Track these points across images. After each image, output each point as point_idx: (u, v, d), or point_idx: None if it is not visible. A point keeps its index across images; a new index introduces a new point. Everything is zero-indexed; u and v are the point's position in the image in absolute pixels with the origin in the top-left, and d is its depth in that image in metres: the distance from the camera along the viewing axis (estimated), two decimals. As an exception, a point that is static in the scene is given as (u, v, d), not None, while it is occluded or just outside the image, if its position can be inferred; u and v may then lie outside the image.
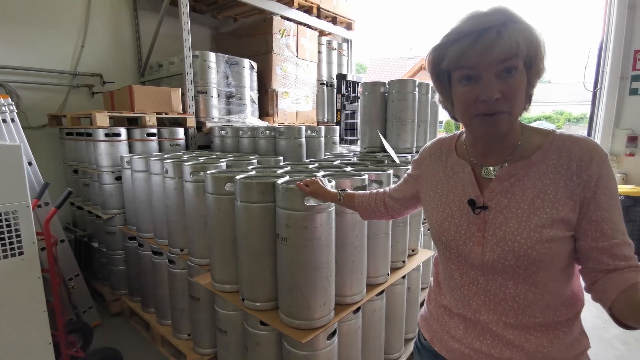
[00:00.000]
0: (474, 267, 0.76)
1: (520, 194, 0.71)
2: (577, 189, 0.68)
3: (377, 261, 1.69)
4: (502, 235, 0.71)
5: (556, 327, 0.74)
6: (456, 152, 0.84)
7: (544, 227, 0.68)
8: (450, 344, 0.83)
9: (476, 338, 0.79)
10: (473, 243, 0.75)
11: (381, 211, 1.10)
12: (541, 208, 0.69)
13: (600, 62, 4.35)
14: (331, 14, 4.50)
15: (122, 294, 2.72)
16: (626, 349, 2.36)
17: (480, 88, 0.66)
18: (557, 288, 0.73)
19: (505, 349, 0.75)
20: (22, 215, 1.50)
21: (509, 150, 0.75)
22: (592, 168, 0.67)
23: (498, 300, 0.75)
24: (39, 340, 1.57)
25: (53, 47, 3.09)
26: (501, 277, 0.73)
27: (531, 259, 0.68)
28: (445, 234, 0.80)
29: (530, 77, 0.68)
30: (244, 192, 1.43)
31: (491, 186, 0.75)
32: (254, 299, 1.49)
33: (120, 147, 2.62)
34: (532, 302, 0.72)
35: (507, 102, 0.66)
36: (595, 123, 4.47)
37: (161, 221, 2.18)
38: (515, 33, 0.63)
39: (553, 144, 0.71)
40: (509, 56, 0.63)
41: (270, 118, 3.89)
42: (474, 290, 0.78)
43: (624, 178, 4.09)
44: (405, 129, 2.49)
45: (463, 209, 0.78)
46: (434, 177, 0.87)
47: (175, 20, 3.08)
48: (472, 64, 0.65)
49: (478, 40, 0.63)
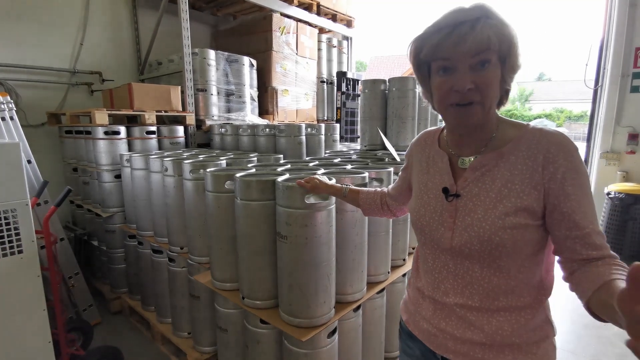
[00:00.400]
0: (445, 251, 0.81)
1: (490, 183, 0.76)
2: (542, 180, 0.71)
3: (378, 259, 1.69)
4: (469, 221, 0.76)
5: (519, 312, 0.77)
6: (438, 143, 0.89)
7: (507, 214, 0.72)
8: (421, 324, 0.89)
9: (443, 319, 0.83)
10: (445, 228, 0.80)
11: (383, 208, 1.13)
12: (507, 197, 0.73)
13: (601, 60, 4.34)
14: (331, 11, 4.48)
15: (122, 292, 2.72)
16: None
17: (455, 79, 0.70)
18: (522, 275, 0.76)
19: (467, 330, 0.79)
20: (22, 214, 1.50)
21: (483, 142, 0.79)
22: (559, 160, 0.70)
23: (465, 284, 0.79)
24: (38, 339, 1.57)
25: (52, 45, 3.08)
26: (468, 261, 0.78)
27: (494, 244, 0.73)
28: (421, 219, 0.86)
29: (504, 72, 0.72)
30: (244, 190, 1.42)
31: (464, 175, 0.80)
32: (254, 297, 1.48)
33: (120, 145, 2.62)
34: (496, 287, 0.76)
35: (479, 93, 0.70)
36: (596, 121, 4.46)
37: (161, 219, 2.18)
38: (487, 28, 0.67)
39: (524, 137, 0.75)
40: (481, 49, 0.67)
41: (270, 116, 3.88)
42: (444, 274, 0.83)
43: (625, 176, 4.08)
44: (406, 126, 2.47)
45: (438, 197, 0.83)
46: (418, 167, 0.93)
47: (174, 17, 3.07)
48: (447, 55, 0.70)
49: (453, 33, 0.68)
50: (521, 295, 0.76)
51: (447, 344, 0.82)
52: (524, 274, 0.76)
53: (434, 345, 0.85)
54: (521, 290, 0.76)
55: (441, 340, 0.83)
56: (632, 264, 0.45)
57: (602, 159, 4.22)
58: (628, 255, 3.64)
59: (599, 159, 4.24)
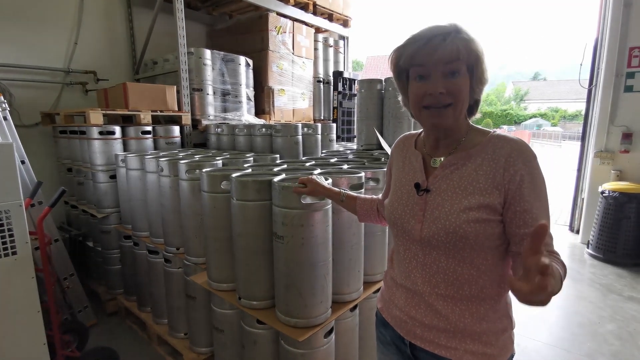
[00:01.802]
0: (415, 242, 0.88)
1: (457, 180, 0.84)
2: (503, 181, 0.79)
3: (374, 259, 1.69)
4: (437, 214, 0.83)
5: (480, 302, 0.84)
6: (415, 145, 0.98)
7: (471, 209, 0.80)
8: (394, 311, 0.96)
9: (413, 307, 0.90)
10: (415, 221, 0.87)
11: (380, 216, 1.17)
12: (472, 194, 0.81)
13: (595, 60, 4.37)
14: (327, 10, 4.48)
15: (118, 293, 2.70)
16: (620, 344, 2.38)
17: (429, 84, 0.80)
18: (485, 266, 0.83)
19: (434, 317, 0.86)
20: (15, 215, 1.48)
21: (453, 145, 0.88)
22: (518, 165, 0.78)
23: (432, 273, 0.86)
24: (33, 341, 1.55)
25: (46, 44, 3.05)
26: (436, 252, 0.85)
27: (458, 236, 0.80)
28: (394, 212, 0.93)
29: (472, 83, 0.81)
30: (240, 190, 1.42)
31: (435, 173, 0.88)
32: (251, 298, 1.48)
33: (115, 145, 2.60)
34: (460, 276, 0.83)
35: (451, 97, 0.79)
36: (591, 120, 4.50)
37: (157, 220, 2.17)
38: (458, 40, 0.77)
39: (490, 142, 0.83)
40: (452, 58, 0.77)
41: (266, 116, 3.88)
42: (414, 264, 0.90)
43: (619, 175, 4.12)
44: (402, 126, 2.48)
45: (410, 192, 0.91)
46: (396, 166, 1.01)
47: (169, 16, 3.05)
48: (422, 62, 0.79)
49: (427, 43, 0.78)
50: (483, 287, 0.83)
51: (415, 331, 0.89)
52: (486, 266, 0.82)
53: (403, 331, 0.92)
54: (484, 282, 0.83)
55: (410, 327, 0.90)
56: (538, 223, 0.55)
57: (596, 158, 4.25)
58: (622, 254, 3.68)
59: (593, 158, 4.27)
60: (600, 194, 3.84)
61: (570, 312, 2.78)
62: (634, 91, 4.00)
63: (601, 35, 4.23)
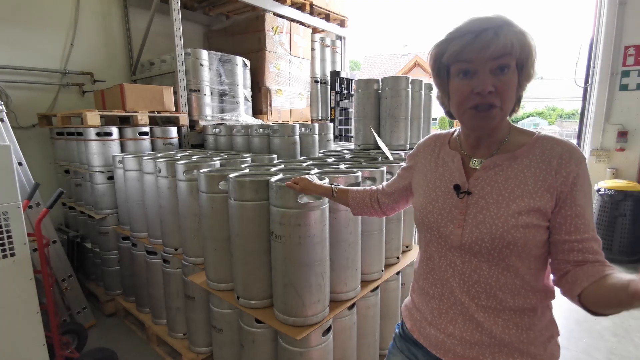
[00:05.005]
0: (453, 248, 0.81)
1: (502, 183, 0.77)
2: (555, 183, 0.74)
3: (371, 257, 1.70)
4: (481, 219, 0.77)
5: (525, 312, 0.78)
6: (449, 145, 0.91)
7: (520, 213, 0.73)
8: (427, 330, 0.88)
9: (450, 322, 0.83)
10: (454, 225, 0.80)
11: (374, 207, 1.13)
12: (520, 197, 0.75)
13: (591, 58, 4.39)
14: (324, 10, 4.49)
15: (117, 294, 2.71)
16: (617, 340, 2.40)
17: (476, 82, 0.72)
18: (529, 275, 0.77)
19: (476, 331, 0.79)
20: (13, 216, 1.49)
21: (495, 145, 0.82)
22: (571, 166, 0.73)
23: (472, 283, 0.79)
24: (32, 342, 1.56)
25: (42, 46, 3.04)
26: (477, 259, 0.78)
27: (506, 242, 0.73)
28: (428, 216, 0.86)
29: (520, 79, 0.75)
30: (238, 190, 1.43)
31: (476, 174, 0.81)
32: (249, 297, 1.49)
33: (112, 146, 2.60)
34: (503, 286, 0.76)
35: (499, 97, 0.72)
36: (586, 118, 4.52)
37: (155, 221, 2.17)
38: (511, 35, 0.70)
39: (537, 142, 0.78)
40: (503, 54, 0.70)
41: (263, 116, 3.88)
42: (450, 272, 0.83)
43: (614, 173, 4.15)
44: (399, 126, 2.49)
45: (448, 194, 0.84)
46: (425, 167, 0.94)
47: (166, 17, 3.05)
48: (470, 59, 0.72)
49: (477, 38, 0.71)
50: (527, 297, 0.77)
51: (455, 350, 0.81)
52: (530, 275, 0.76)
53: (441, 352, 0.84)
54: (527, 291, 0.77)
55: (449, 346, 0.82)
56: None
57: (592, 156, 4.27)
58: (618, 251, 3.70)
59: (589, 157, 4.30)
60: (596, 192, 3.86)
61: (567, 309, 2.80)
62: (629, 89, 4.03)
63: (596, 34, 4.25)
